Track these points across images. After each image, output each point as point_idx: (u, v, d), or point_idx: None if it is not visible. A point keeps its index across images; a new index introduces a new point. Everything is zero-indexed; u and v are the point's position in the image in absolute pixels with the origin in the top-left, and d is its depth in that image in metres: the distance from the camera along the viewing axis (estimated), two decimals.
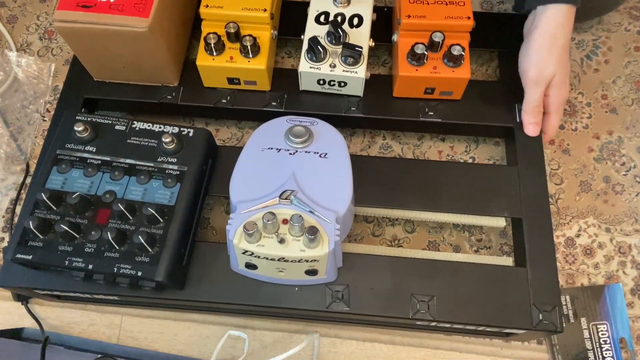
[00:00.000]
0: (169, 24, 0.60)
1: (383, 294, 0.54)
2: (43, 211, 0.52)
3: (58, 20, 0.57)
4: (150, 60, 0.61)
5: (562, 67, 0.59)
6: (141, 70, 0.63)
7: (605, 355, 0.60)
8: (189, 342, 0.62)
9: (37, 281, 0.55)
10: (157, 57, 0.61)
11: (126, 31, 0.56)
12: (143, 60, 0.61)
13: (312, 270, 0.51)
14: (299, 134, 0.55)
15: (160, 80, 0.65)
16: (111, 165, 0.55)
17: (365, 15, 0.63)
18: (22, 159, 0.71)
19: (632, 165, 0.69)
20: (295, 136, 0.55)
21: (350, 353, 0.61)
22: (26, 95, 0.75)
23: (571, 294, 0.63)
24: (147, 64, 0.61)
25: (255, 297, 0.54)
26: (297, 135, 0.55)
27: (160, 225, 0.52)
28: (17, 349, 0.59)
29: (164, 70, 0.63)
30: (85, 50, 0.61)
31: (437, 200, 0.59)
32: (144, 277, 0.50)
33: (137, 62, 0.61)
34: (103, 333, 0.62)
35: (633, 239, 0.65)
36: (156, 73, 0.63)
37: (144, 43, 0.58)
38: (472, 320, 0.53)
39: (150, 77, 0.64)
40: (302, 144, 0.55)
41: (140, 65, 0.62)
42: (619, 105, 0.72)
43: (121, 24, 0.56)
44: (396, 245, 0.64)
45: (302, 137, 0.55)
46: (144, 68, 0.62)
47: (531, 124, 0.61)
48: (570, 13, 0.58)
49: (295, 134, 0.55)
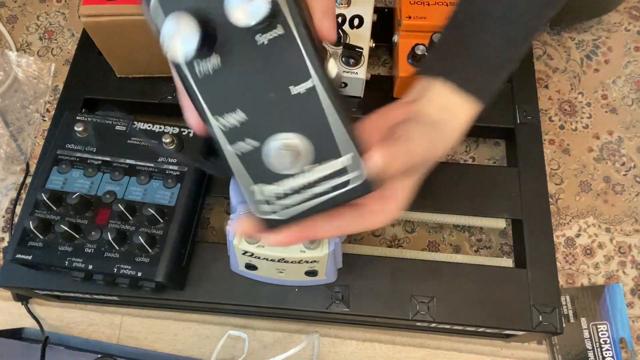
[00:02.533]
0: None
1: (383, 295, 0.54)
2: (43, 211, 0.52)
3: (84, 15, 0.56)
4: None
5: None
6: (166, 61, 0.63)
7: (605, 355, 0.60)
8: (189, 342, 0.62)
9: (37, 281, 0.55)
10: None
11: None
12: None
13: (312, 271, 0.51)
14: None
15: None
16: (111, 165, 0.55)
17: (365, 16, 0.63)
18: (22, 159, 0.71)
19: (632, 165, 0.69)
20: None
21: (350, 353, 0.61)
22: (26, 95, 0.75)
23: (571, 294, 0.63)
24: None
25: (255, 297, 0.54)
26: None
27: (160, 225, 0.52)
28: (17, 349, 0.59)
29: None
30: (111, 44, 0.61)
31: (437, 201, 0.59)
32: (144, 277, 0.50)
33: (163, 52, 0.61)
34: (103, 333, 0.62)
35: (633, 239, 0.65)
36: None
37: None
38: (471, 322, 0.53)
39: None
40: None
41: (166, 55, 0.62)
42: (619, 105, 0.72)
43: None
44: (396, 245, 0.64)
45: None
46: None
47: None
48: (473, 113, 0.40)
49: None
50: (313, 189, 0.29)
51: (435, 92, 0.39)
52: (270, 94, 0.28)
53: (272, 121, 0.28)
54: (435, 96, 0.39)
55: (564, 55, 0.75)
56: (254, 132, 0.28)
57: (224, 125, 0.29)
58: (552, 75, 0.74)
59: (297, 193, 0.29)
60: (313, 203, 0.30)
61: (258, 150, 0.29)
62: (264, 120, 0.28)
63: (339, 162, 0.29)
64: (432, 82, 0.39)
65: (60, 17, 0.81)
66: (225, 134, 0.29)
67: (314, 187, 0.29)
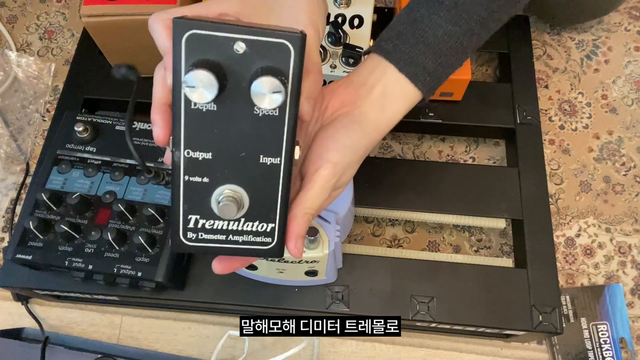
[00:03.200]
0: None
1: (383, 295, 0.54)
2: (43, 211, 0.52)
3: (85, 15, 0.57)
4: None
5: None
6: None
7: (605, 355, 0.60)
8: (189, 342, 0.62)
9: (37, 281, 0.55)
10: None
11: None
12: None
13: (312, 271, 0.51)
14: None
15: None
16: (111, 165, 0.55)
17: (365, 16, 0.63)
18: (22, 159, 0.71)
19: (632, 165, 0.69)
20: None
21: (350, 353, 0.61)
22: (26, 95, 0.75)
23: (571, 294, 0.63)
24: None
25: (255, 297, 0.54)
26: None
27: (160, 225, 0.52)
28: (17, 349, 0.59)
29: None
30: (112, 44, 0.61)
31: (437, 201, 0.59)
32: (143, 277, 0.50)
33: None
34: (103, 333, 0.62)
35: (633, 239, 0.65)
36: None
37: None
38: (471, 322, 0.53)
39: None
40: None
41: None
42: (619, 105, 0.72)
43: (149, 13, 0.56)
44: (396, 245, 0.64)
45: None
46: None
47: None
48: (414, 100, 0.40)
49: None
50: (235, 236, 0.34)
51: (384, 79, 0.40)
52: (242, 153, 0.32)
53: (232, 172, 0.32)
54: (381, 83, 0.40)
55: (564, 55, 0.75)
56: (212, 173, 0.32)
57: (189, 156, 0.32)
58: (552, 75, 0.74)
59: (221, 233, 0.34)
60: (229, 246, 0.35)
61: (206, 187, 0.33)
62: (226, 169, 0.32)
63: (267, 226, 0.34)
64: (384, 67, 0.40)
65: (60, 17, 0.81)
66: (185, 163, 0.32)
67: (236, 235, 0.34)
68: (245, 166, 0.32)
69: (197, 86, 0.28)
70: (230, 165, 0.32)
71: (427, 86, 0.40)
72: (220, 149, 0.32)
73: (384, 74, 0.40)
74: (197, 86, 0.28)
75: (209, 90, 0.28)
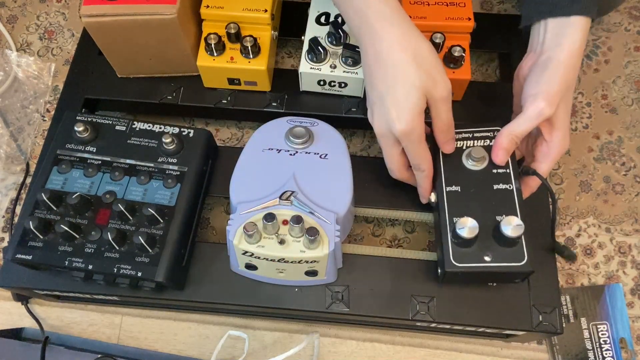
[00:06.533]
0: (191, 11, 0.61)
1: (383, 295, 0.54)
2: (43, 211, 0.52)
3: (85, 15, 0.57)
4: (176, 49, 0.61)
5: (569, 108, 0.51)
6: (167, 61, 0.63)
7: (605, 355, 0.60)
8: (189, 342, 0.62)
9: (37, 281, 0.55)
10: (184, 44, 0.61)
11: (155, 19, 0.57)
12: (170, 49, 0.61)
13: (312, 271, 0.51)
14: (299, 135, 0.55)
15: (185, 69, 0.65)
16: (111, 165, 0.55)
17: None
18: (22, 159, 0.71)
19: (632, 165, 0.69)
20: (296, 137, 0.55)
21: (350, 353, 0.61)
22: (26, 95, 0.75)
23: (571, 294, 0.63)
24: (174, 53, 0.62)
25: (255, 297, 0.54)
26: (297, 136, 0.55)
27: (160, 225, 0.52)
28: (17, 349, 0.59)
29: (191, 58, 0.63)
30: (113, 44, 0.61)
31: None
32: (144, 277, 0.50)
33: (163, 52, 0.62)
34: (103, 333, 0.63)
35: (633, 239, 0.65)
36: (182, 61, 0.63)
37: (173, 30, 0.58)
38: (471, 322, 0.53)
39: (176, 67, 0.65)
40: (303, 145, 0.55)
41: (166, 55, 0.62)
42: (619, 105, 0.72)
43: (149, 13, 0.56)
44: (396, 245, 0.64)
45: (302, 137, 0.55)
46: (170, 58, 0.63)
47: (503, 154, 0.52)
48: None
49: (296, 135, 0.55)
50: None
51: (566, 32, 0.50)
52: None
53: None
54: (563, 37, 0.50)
55: None
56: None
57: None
58: None
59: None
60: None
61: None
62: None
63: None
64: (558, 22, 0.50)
65: (60, 17, 0.81)
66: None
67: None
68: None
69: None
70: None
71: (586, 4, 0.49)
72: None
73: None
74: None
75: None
